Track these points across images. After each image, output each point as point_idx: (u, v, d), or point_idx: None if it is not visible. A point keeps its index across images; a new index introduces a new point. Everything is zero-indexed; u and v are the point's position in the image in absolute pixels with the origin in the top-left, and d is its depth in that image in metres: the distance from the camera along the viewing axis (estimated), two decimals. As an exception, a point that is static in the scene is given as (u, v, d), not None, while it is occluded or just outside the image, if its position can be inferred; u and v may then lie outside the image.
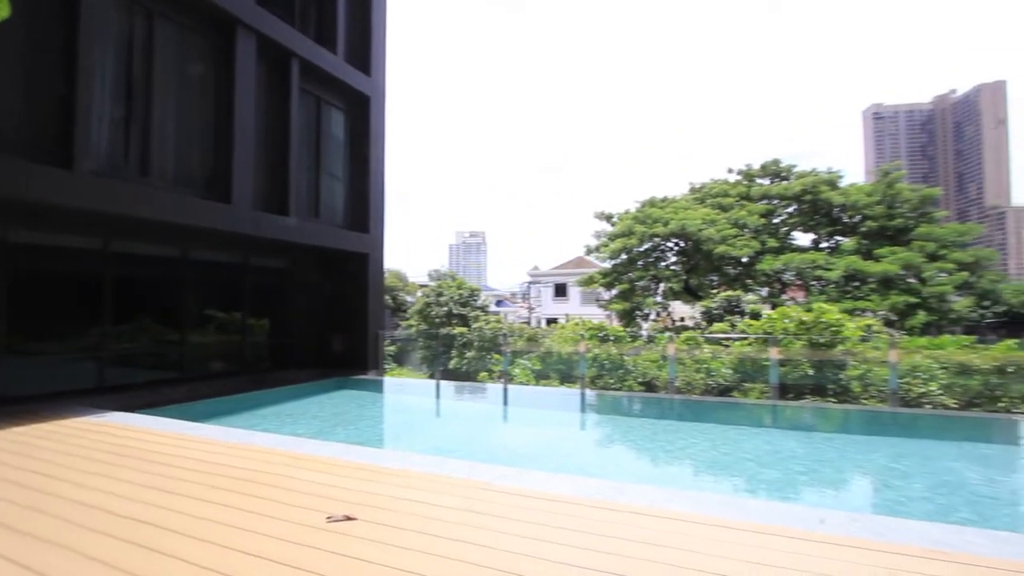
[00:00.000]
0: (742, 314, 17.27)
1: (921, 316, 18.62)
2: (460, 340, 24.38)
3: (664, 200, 27.93)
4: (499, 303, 64.76)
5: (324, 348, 12.11)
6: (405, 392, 11.91)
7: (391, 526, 2.80)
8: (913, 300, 19.09)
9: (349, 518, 2.85)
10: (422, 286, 47.61)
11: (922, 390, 8.44)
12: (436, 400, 10.37)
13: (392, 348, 31.88)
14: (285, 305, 11.73)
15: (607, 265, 27.37)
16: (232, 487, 3.43)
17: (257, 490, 3.36)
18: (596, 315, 31.50)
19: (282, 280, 11.85)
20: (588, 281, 28.05)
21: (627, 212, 27.59)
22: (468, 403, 11.04)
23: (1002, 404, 8.16)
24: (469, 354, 23.12)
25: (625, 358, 11.60)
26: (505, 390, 10.64)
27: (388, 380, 13.19)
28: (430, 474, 3.74)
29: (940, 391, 8.42)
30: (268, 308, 11.31)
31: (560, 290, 48.60)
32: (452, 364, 23.83)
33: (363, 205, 12.55)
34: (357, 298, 12.23)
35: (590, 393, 10.56)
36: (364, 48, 12.69)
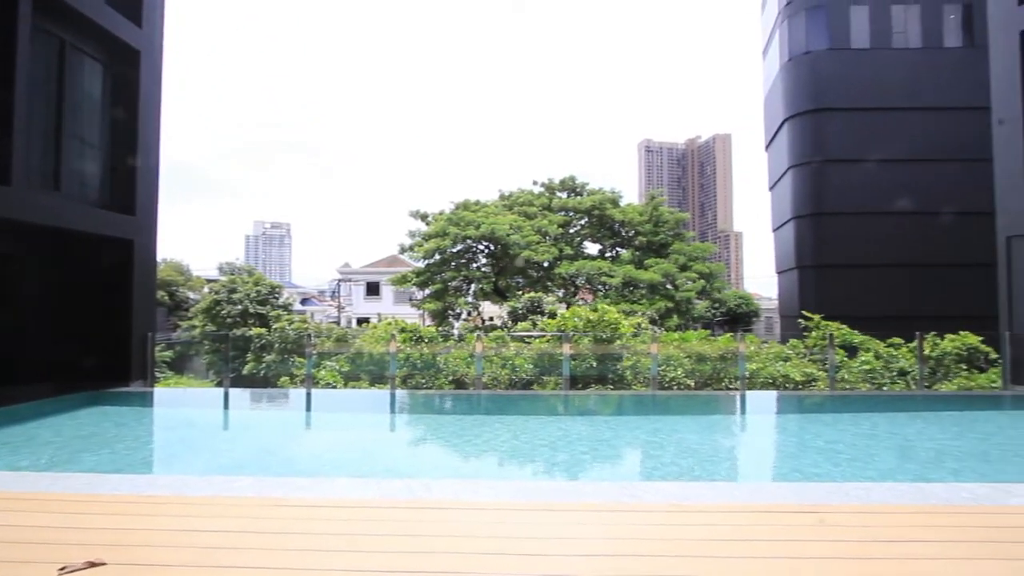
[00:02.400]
0: (542, 313, 19.00)
1: (676, 318, 22.92)
2: (258, 342, 21.85)
3: (477, 204, 29.16)
4: (305, 301, 60.17)
5: (69, 356, 9.69)
6: (183, 404, 10.24)
7: (152, 565, 2.39)
8: (670, 304, 23.41)
9: (93, 564, 2.34)
10: (210, 281, 41.27)
11: (673, 375, 10.41)
12: (224, 411, 9.14)
13: (168, 354, 27.08)
14: (7, 303, 9.07)
15: (421, 264, 27.47)
16: (-96, 549, 2.53)
17: (-51, 548, 2.54)
18: (410, 315, 31.33)
19: (3, 270, 9.14)
20: (401, 280, 27.76)
21: (442, 213, 28.08)
22: (265, 412, 9.98)
23: (724, 383, 10.54)
24: (268, 357, 20.86)
25: (437, 357, 11.80)
26: (309, 395, 9.91)
27: (161, 392, 11.17)
28: (210, 497, 3.29)
29: (685, 375, 10.49)
30: (-25, 306, 8.61)
31: (372, 289, 47.11)
32: (247, 369, 21.25)
33: (128, 181, 10.40)
34: (118, 294, 10.09)
35: (401, 393, 10.48)
36: (134, -7, 10.53)
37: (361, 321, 40.44)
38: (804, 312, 12.49)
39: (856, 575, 2.31)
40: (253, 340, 21.63)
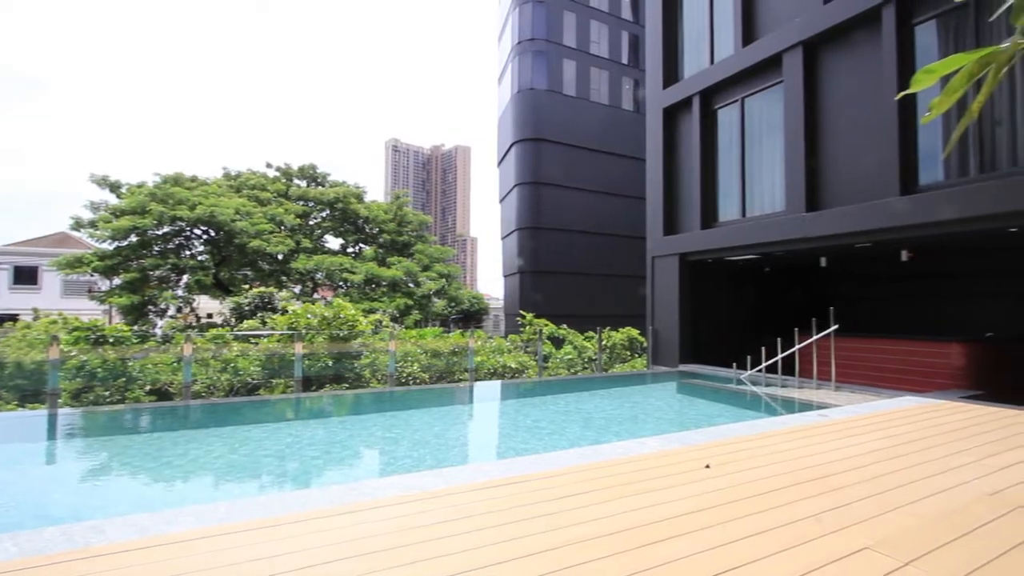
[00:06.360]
0: (274, 310, 17.25)
1: (415, 314, 23.73)
2: None
3: (194, 180, 24.65)
4: None
5: None
6: None
7: None
8: (410, 301, 24.12)
9: None
10: None
11: (410, 371, 10.77)
12: None
13: None
14: None
15: (108, 246, 21.68)
16: None
17: None
18: (89, 310, 24.54)
19: None
20: (76, 263, 21.33)
21: (142, 185, 22.79)
22: None
23: (455, 375, 11.42)
24: None
25: (129, 363, 9.55)
26: None
27: None
28: None
29: (421, 370, 10.98)
30: None
31: (26, 275, 34.97)
32: None
33: None
34: None
35: (69, 413, 8.09)
36: None
37: (5, 319, 29.55)
38: (522, 311, 14.51)
39: (555, 527, 2.82)
40: None
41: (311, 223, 27.18)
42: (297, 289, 24.55)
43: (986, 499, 3.32)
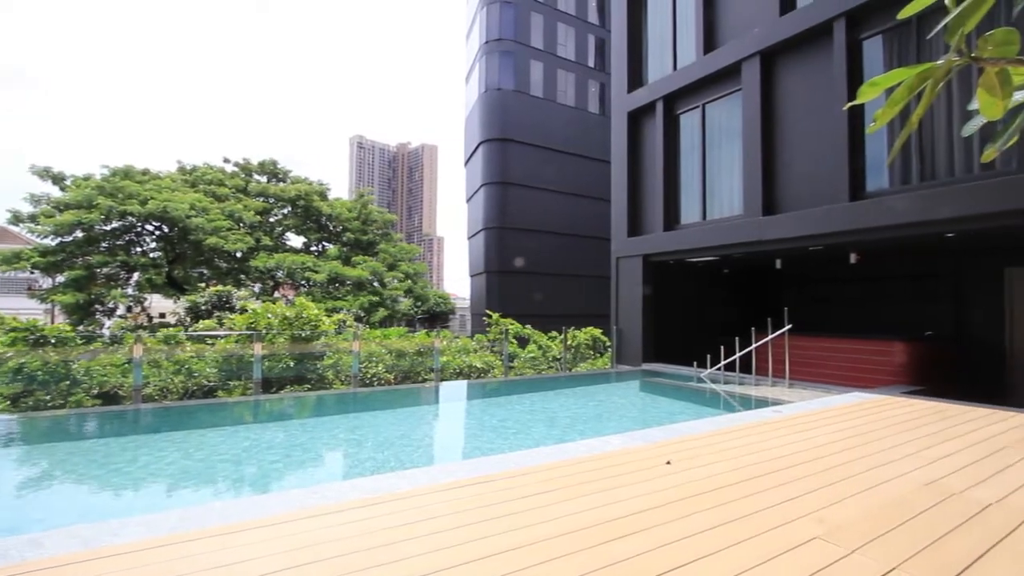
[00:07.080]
0: (232, 310, 16.70)
1: (381, 312, 23.39)
2: None
3: (146, 173, 23.57)
4: None
5: None
6: None
7: None
8: (376, 300, 23.76)
9: None
10: None
11: (374, 371, 10.61)
12: None
13: None
14: None
15: (51, 242, 20.48)
16: None
17: None
18: (29, 309, 23.21)
19: None
20: (13, 260, 20.06)
21: (88, 178, 21.62)
22: None
23: (421, 375, 11.31)
24: None
25: (73, 365, 9.07)
26: None
27: None
28: None
29: (386, 371, 10.82)
30: None
31: (-46, 272, 32.55)
32: None
33: None
34: None
35: (5, 419, 7.60)
36: None
37: (-73, 319, 27.44)
38: (488, 310, 14.50)
39: (517, 526, 2.83)
40: None
41: (272, 220, 26.41)
42: (257, 288, 23.82)
43: (924, 488, 3.53)
